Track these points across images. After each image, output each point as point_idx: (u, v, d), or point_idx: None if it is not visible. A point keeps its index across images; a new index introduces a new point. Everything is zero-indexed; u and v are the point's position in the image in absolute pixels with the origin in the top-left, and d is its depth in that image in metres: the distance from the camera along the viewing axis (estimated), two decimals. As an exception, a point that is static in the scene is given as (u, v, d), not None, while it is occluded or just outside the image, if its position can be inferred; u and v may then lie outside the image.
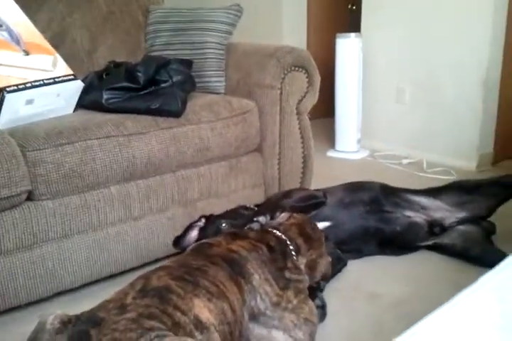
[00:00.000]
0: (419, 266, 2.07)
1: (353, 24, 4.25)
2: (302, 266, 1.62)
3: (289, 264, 1.57)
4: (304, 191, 2.12)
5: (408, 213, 2.12)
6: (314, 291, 1.70)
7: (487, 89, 3.16)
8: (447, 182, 2.89)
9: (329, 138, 3.80)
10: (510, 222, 2.29)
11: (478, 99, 3.18)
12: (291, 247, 1.61)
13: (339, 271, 1.99)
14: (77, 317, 1.23)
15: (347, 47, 3.50)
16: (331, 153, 3.64)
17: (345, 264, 2.03)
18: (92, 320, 1.18)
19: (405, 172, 3.24)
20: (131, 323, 1.15)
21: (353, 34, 3.51)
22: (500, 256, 1.95)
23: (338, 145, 3.67)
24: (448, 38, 3.24)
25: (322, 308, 1.68)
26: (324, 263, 1.74)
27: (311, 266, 1.67)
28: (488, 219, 2.23)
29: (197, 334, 1.21)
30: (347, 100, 3.56)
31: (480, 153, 3.26)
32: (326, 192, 2.09)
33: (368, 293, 1.89)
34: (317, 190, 2.16)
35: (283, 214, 1.80)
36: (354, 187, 2.20)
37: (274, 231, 1.65)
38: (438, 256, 2.14)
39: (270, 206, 1.98)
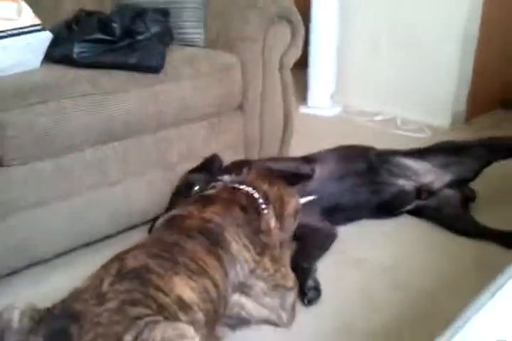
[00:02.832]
0: (402, 232, 2.04)
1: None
2: (273, 219, 1.57)
3: (263, 226, 1.51)
4: (287, 160, 2.03)
5: (400, 181, 2.06)
6: (306, 272, 1.65)
7: (464, 46, 3.08)
8: (420, 139, 2.91)
9: (301, 92, 3.68)
10: (490, 190, 2.27)
11: (454, 56, 3.10)
12: (260, 201, 1.55)
13: (330, 245, 1.92)
14: (49, 310, 1.10)
15: (323, -3, 3.34)
16: (303, 109, 3.53)
17: (336, 237, 1.95)
18: (68, 314, 1.06)
19: (379, 130, 3.18)
20: (115, 314, 1.04)
21: (329, -17, 3.34)
22: (471, 224, 1.99)
23: (311, 100, 3.56)
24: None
25: (315, 289, 1.62)
26: (292, 204, 1.68)
27: (279, 204, 1.61)
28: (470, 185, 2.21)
29: (181, 314, 1.14)
30: (322, 53, 3.42)
31: (454, 110, 3.21)
32: (316, 159, 2.00)
33: (354, 258, 1.86)
34: (308, 157, 2.07)
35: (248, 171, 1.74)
36: (347, 157, 2.10)
37: (241, 187, 1.58)
38: (419, 221, 2.11)
39: (237, 164, 1.92)
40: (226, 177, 1.77)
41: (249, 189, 1.57)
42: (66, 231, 1.77)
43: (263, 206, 1.54)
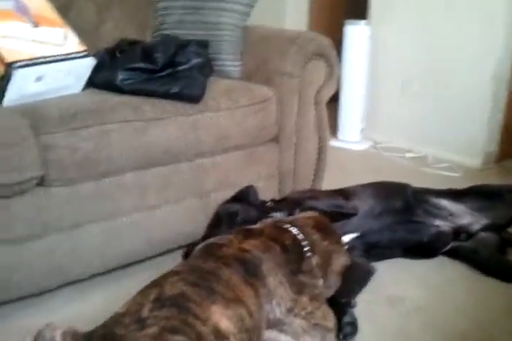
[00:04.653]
0: (436, 272, 2.01)
1: (355, 10, 4.14)
2: (317, 268, 1.54)
3: (304, 267, 1.49)
4: (332, 197, 2.01)
5: (437, 222, 2.04)
6: (344, 307, 1.61)
7: (496, 84, 3.09)
8: (451, 178, 2.90)
9: (332, 126, 3.71)
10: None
11: (486, 95, 3.11)
12: (306, 249, 1.53)
13: (369, 280, 1.88)
14: (90, 334, 1.11)
15: (356, 34, 3.39)
16: (333, 142, 3.54)
17: (373, 273, 1.91)
18: (109, 338, 1.07)
19: (409, 167, 3.18)
20: (155, 340, 1.05)
21: (362, 21, 3.41)
22: (507, 267, 1.96)
23: (341, 134, 3.59)
24: (459, 30, 3.15)
25: (352, 325, 1.58)
26: (341, 261, 1.65)
27: (325, 259, 1.58)
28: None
29: None
30: (353, 88, 3.48)
31: (485, 150, 3.19)
32: (354, 195, 2.01)
33: (389, 297, 1.83)
34: (344, 192, 2.06)
35: (302, 213, 1.72)
36: (385, 194, 2.08)
37: (290, 228, 1.56)
38: (454, 262, 2.06)
39: (290, 203, 1.90)
40: (277, 215, 1.77)
41: (297, 232, 1.55)
42: (102, 253, 1.78)
43: (307, 250, 1.52)
